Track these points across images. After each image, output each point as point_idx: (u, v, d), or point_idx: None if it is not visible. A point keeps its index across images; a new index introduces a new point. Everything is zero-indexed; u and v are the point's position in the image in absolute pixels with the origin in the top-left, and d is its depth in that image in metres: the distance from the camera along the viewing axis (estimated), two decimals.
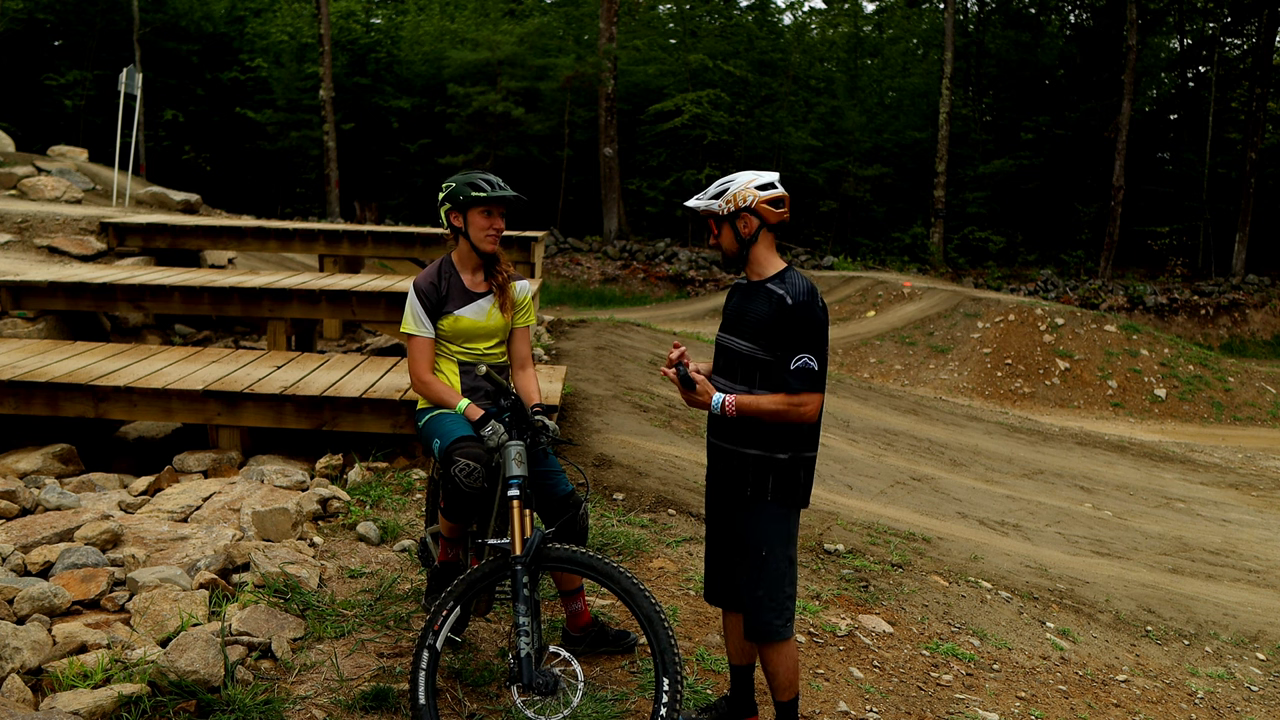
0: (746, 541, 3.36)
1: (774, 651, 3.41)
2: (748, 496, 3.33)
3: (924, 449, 10.28)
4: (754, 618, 3.38)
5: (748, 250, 3.34)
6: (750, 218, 3.30)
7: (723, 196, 3.31)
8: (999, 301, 20.28)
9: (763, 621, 3.37)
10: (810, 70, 34.67)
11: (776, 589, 3.36)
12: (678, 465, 7.10)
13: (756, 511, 3.33)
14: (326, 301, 8.15)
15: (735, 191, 3.30)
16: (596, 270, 27.51)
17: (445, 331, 3.77)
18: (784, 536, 3.37)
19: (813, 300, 3.23)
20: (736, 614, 3.53)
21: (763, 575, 3.34)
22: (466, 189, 3.63)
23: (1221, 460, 12.61)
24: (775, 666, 3.42)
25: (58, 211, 11.29)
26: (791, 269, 3.35)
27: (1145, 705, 4.60)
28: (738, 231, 3.32)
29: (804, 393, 3.18)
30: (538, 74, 29.86)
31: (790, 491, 3.33)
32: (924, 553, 6.15)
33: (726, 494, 3.41)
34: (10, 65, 29.26)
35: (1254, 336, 24.63)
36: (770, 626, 3.36)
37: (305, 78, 30.22)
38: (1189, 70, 32.88)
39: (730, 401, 3.22)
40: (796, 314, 3.20)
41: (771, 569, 3.34)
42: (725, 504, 3.43)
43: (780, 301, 3.22)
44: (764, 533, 3.34)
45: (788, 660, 3.42)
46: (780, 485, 3.31)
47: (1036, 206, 30.88)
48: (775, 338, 3.22)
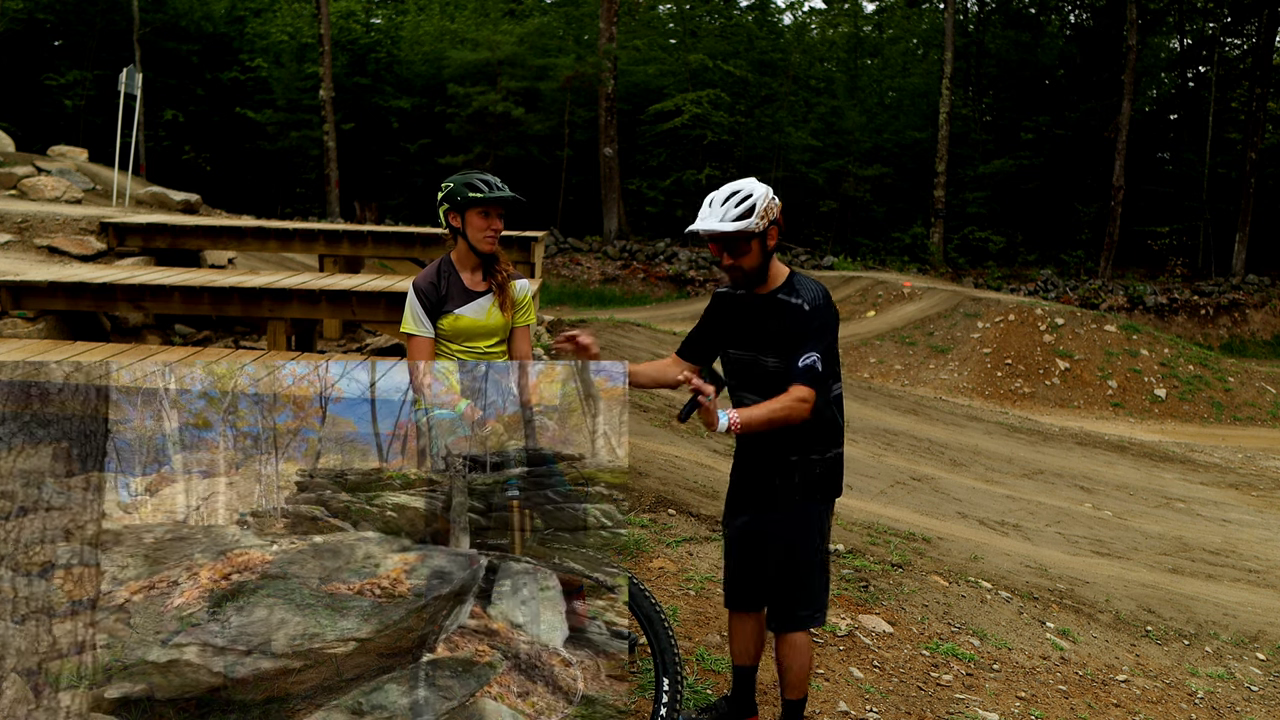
0: (784, 538, 3.36)
1: (791, 645, 3.42)
2: (787, 497, 3.33)
3: (924, 449, 10.29)
4: (779, 609, 3.41)
5: (769, 263, 3.27)
6: (776, 230, 3.25)
7: (755, 213, 3.15)
8: (999, 301, 20.28)
9: (788, 612, 3.40)
10: (810, 70, 34.68)
11: (810, 582, 3.40)
12: (678, 465, 7.10)
13: (796, 511, 3.35)
14: (326, 301, 8.14)
15: (765, 205, 3.17)
16: (596, 270, 27.51)
17: (445, 331, 3.77)
18: (814, 532, 3.40)
19: (828, 303, 3.26)
20: (745, 616, 3.53)
21: (793, 572, 3.37)
22: (464, 190, 3.63)
23: (1221, 460, 12.61)
24: (790, 660, 3.44)
25: (58, 211, 11.29)
26: (796, 274, 3.34)
27: (1145, 705, 4.60)
28: (764, 245, 3.22)
29: (802, 387, 3.15)
30: (538, 74, 29.86)
31: (828, 488, 3.38)
32: (924, 553, 6.15)
33: (762, 497, 3.40)
34: (10, 65, 29.26)
35: (1254, 336, 24.64)
36: (795, 616, 3.40)
37: (305, 78, 30.22)
38: (1189, 70, 32.89)
39: (736, 420, 3.13)
40: (814, 317, 3.20)
41: (802, 564, 3.38)
42: (759, 507, 3.41)
43: (798, 310, 3.22)
44: (805, 529, 3.36)
45: (803, 656, 3.44)
46: (820, 483, 3.35)
47: (1036, 206, 30.88)
48: (795, 345, 3.20)
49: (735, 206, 3.16)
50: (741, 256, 3.21)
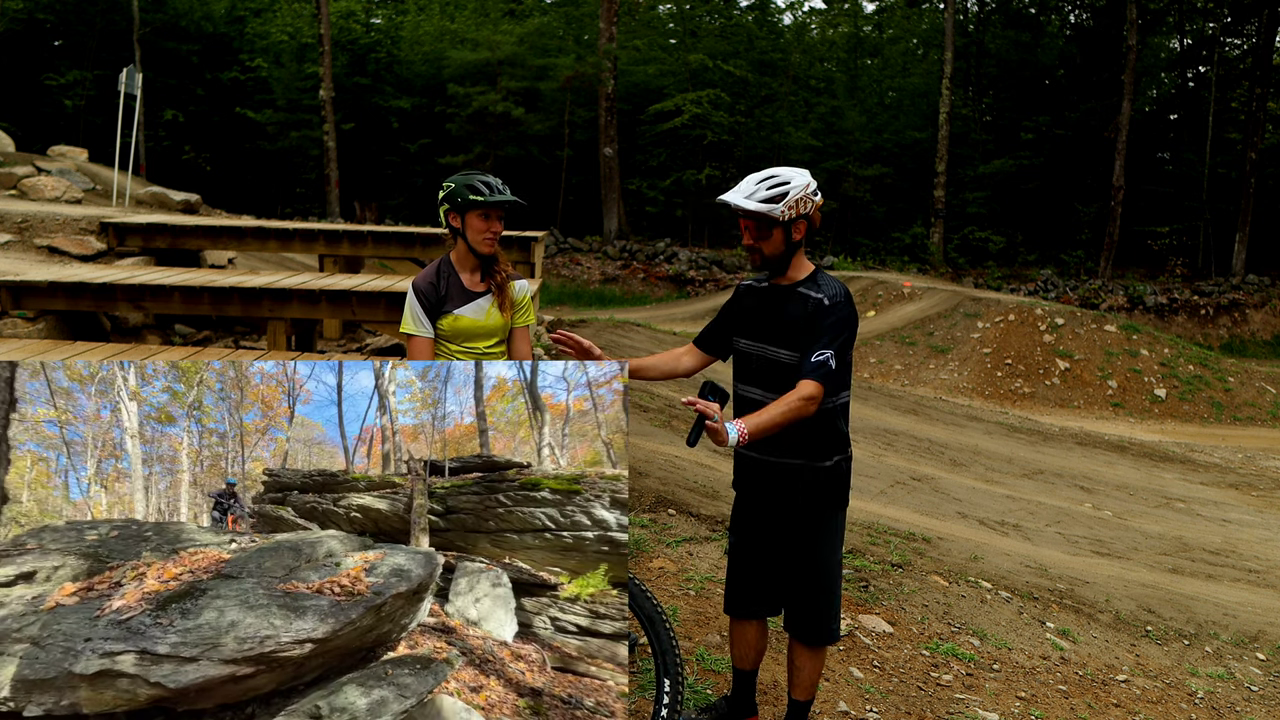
0: (803, 550, 3.33)
1: (814, 654, 3.43)
2: (800, 506, 3.30)
3: (924, 449, 10.29)
4: (810, 622, 3.38)
5: (793, 254, 3.24)
6: (804, 224, 3.21)
7: (783, 200, 3.13)
8: (999, 301, 20.28)
9: (822, 626, 3.38)
10: (810, 70, 34.68)
11: (834, 591, 3.39)
12: (678, 465, 7.11)
13: (812, 520, 3.32)
14: (326, 301, 8.14)
15: (798, 197, 3.14)
16: (596, 270, 27.51)
17: (445, 331, 3.77)
18: (839, 538, 3.40)
19: (848, 302, 3.21)
20: (751, 622, 3.52)
21: (823, 580, 3.35)
22: (465, 191, 3.63)
23: (1221, 460, 12.61)
24: (805, 663, 3.44)
25: (58, 211, 11.29)
26: (821, 271, 3.31)
27: (1145, 705, 4.60)
28: (789, 236, 3.19)
29: (811, 383, 3.08)
30: (538, 74, 29.87)
31: (839, 494, 3.35)
32: (924, 553, 6.15)
33: (771, 506, 3.36)
34: (10, 65, 29.27)
35: (1254, 336, 24.63)
36: (828, 630, 3.39)
37: (305, 78, 30.23)
38: (1189, 70, 32.89)
39: (744, 432, 3.02)
40: (832, 312, 3.15)
41: (833, 572, 3.38)
42: (769, 515, 3.38)
43: (818, 304, 3.18)
44: (822, 539, 3.34)
45: (819, 662, 3.46)
46: (830, 490, 3.31)
47: (1036, 206, 30.88)
48: (810, 340, 3.14)
49: (767, 189, 3.15)
50: (762, 240, 3.20)
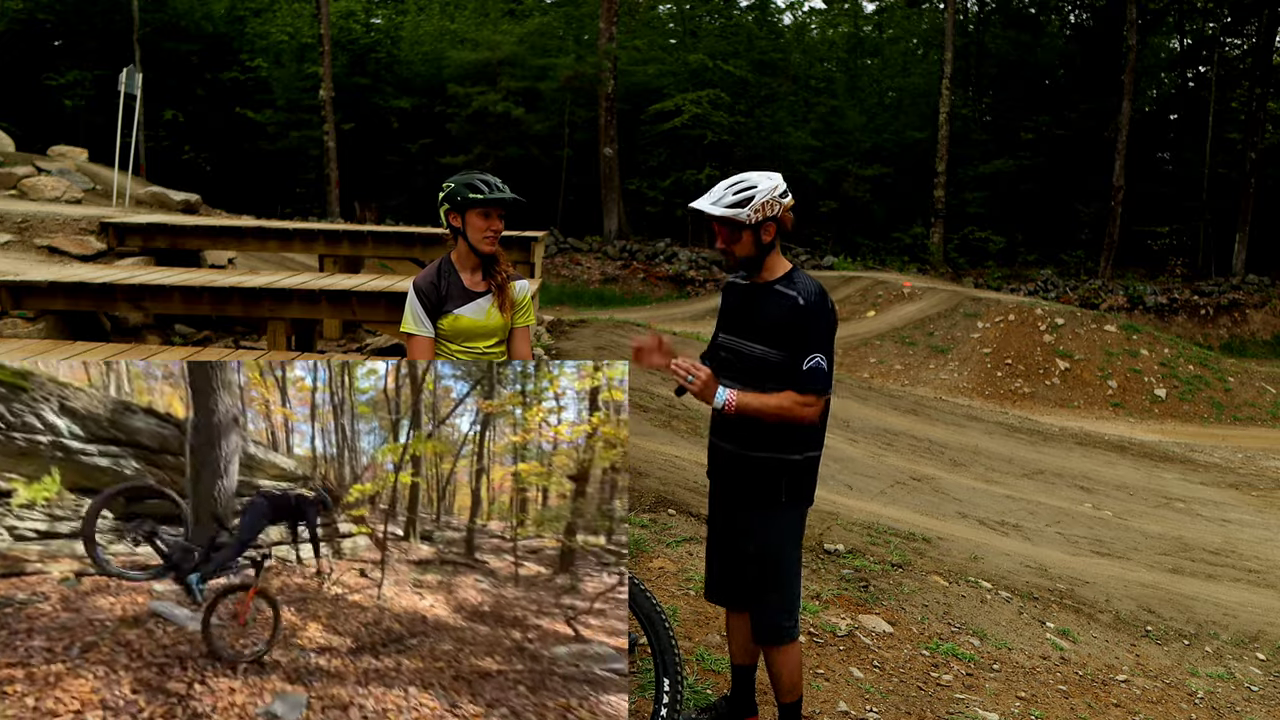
0: (758, 544, 3.34)
1: (780, 654, 3.41)
2: (760, 499, 3.31)
3: (924, 449, 10.29)
4: (764, 620, 3.38)
5: (765, 256, 3.29)
6: (773, 226, 3.26)
7: (749, 205, 3.20)
8: (999, 301, 20.28)
9: (773, 624, 3.37)
10: (810, 70, 34.69)
11: (788, 590, 3.37)
12: (678, 465, 7.11)
13: (769, 514, 3.32)
14: (326, 301, 8.14)
15: (763, 201, 3.21)
16: (596, 270, 27.51)
17: (445, 331, 3.77)
18: (796, 537, 3.38)
19: (824, 300, 3.24)
20: (739, 614, 3.53)
21: (776, 578, 3.34)
22: (465, 190, 3.63)
23: (1221, 460, 12.61)
24: (780, 668, 3.42)
25: (58, 211, 11.29)
26: (798, 270, 3.35)
27: (1145, 705, 4.60)
28: (759, 239, 3.25)
29: (813, 393, 3.17)
30: (538, 74, 29.87)
31: (802, 491, 3.34)
32: (924, 553, 6.15)
33: (735, 496, 3.39)
34: (10, 65, 29.26)
35: (1254, 336, 24.64)
36: (781, 628, 3.37)
37: (305, 78, 30.22)
38: (1189, 70, 32.89)
39: (732, 399, 3.17)
40: (810, 314, 3.20)
41: (784, 570, 3.35)
42: (732, 506, 3.41)
43: (793, 303, 3.22)
44: (777, 535, 3.34)
45: (792, 662, 3.43)
46: (793, 486, 3.31)
47: (1036, 206, 30.88)
48: (787, 339, 3.20)
49: (734, 195, 3.23)
50: (734, 244, 3.27)
